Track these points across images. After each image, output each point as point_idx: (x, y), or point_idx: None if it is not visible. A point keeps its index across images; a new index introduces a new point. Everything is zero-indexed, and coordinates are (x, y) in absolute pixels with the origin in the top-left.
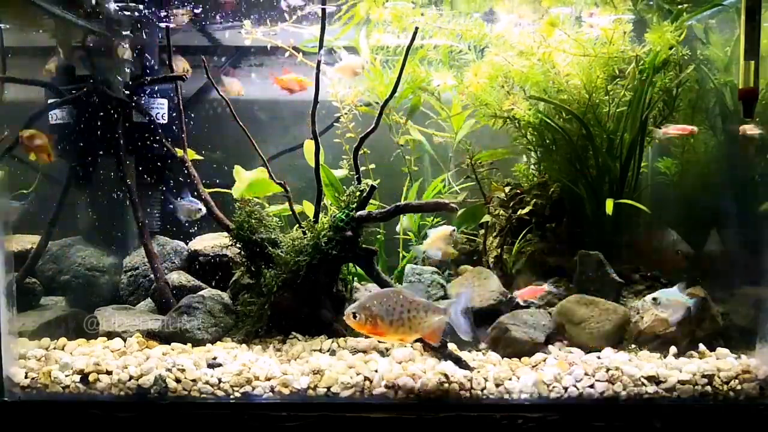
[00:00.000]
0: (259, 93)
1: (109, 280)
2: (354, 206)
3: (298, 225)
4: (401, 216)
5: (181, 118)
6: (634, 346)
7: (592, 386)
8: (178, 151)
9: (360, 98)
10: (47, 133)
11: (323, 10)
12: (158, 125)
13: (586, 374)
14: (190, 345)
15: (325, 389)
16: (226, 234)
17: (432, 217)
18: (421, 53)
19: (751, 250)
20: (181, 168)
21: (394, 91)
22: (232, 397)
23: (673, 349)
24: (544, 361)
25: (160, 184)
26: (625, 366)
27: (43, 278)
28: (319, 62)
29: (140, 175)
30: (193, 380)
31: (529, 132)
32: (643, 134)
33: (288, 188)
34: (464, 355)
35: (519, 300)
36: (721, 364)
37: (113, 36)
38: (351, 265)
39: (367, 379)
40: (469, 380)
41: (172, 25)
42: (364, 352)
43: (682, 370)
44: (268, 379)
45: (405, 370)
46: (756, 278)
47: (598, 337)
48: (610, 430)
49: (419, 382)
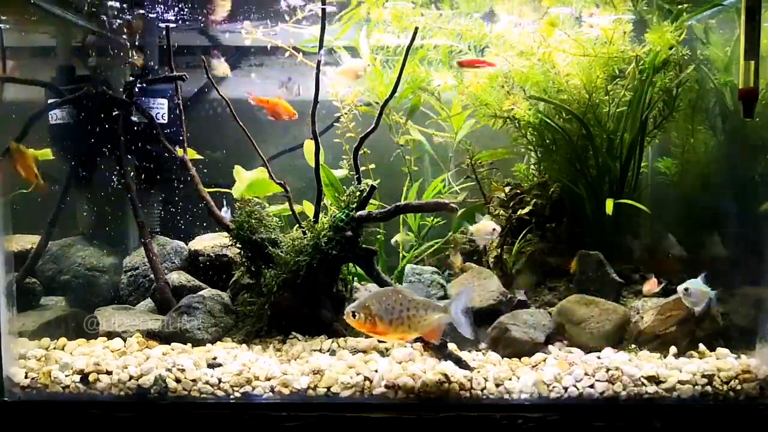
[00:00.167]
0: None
1: (109, 280)
2: (354, 206)
3: (298, 225)
4: (400, 224)
5: (182, 119)
6: (634, 346)
7: (592, 386)
8: (178, 151)
9: (360, 98)
10: (47, 141)
11: (323, 10)
12: (158, 125)
13: (586, 374)
14: (190, 345)
15: (325, 389)
16: (226, 234)
17: (432, 218)
18: (421, 53)
19: (751, 250)
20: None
21: (394, 91)
22: (232, 397)
23: (673, 349)
24: (544, 361)
25: (159, 184)
26: (625, 366)
27: (43, 278)
28: (319, 62)
29: (140, 176)
30: (193, 380)
31: (529, 132)
32: (643, 134)
33: (288, 188)
34: (464, 355)
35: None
36: (721, 364)
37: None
38: (351, 265)
39: (367, 379)
40: (469, 380)
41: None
42: (364, 352)
43: (682, 370)
44: (268, 379)
45: (405, 370)
46: (756, 278)
47: (598, 337)
48: (610, 430)
49: (419, 382)
